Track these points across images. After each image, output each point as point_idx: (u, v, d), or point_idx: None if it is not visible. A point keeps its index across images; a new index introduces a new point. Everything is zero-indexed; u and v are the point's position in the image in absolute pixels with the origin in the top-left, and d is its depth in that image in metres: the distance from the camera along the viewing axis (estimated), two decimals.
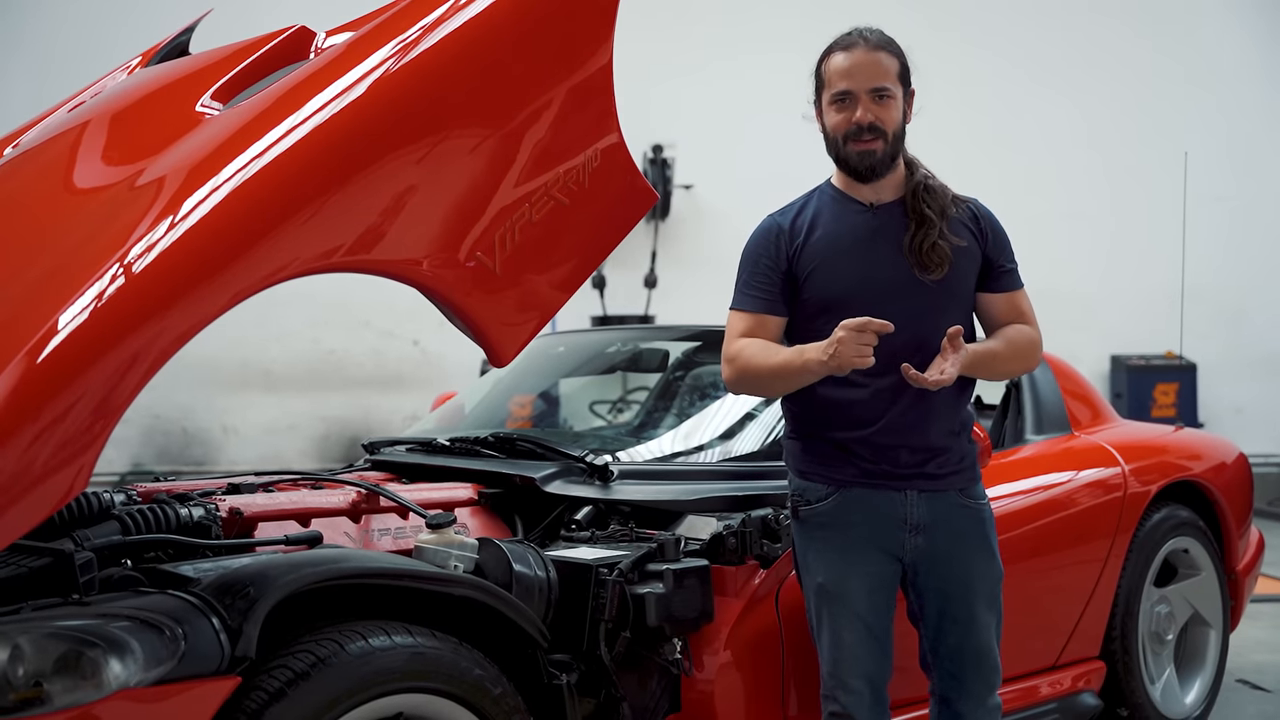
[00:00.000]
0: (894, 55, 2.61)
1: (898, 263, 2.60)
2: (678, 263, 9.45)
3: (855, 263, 2.62)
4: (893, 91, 2.58)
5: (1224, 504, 4.11)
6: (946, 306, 2.61)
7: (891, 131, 2.58)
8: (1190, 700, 3.99)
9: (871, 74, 2.57)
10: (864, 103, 2.57)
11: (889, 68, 2.58)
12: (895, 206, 2.65)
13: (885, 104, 2.57)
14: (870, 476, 2.61)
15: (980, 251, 2.67)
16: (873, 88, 2.57)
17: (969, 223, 2.67)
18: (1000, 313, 2.69)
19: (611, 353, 4.21)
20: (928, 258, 2.58)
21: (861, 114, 2.57)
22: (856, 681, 2.61)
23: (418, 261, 2.25)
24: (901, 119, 2.62)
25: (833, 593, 2.63)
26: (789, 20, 9.85)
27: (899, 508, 2.61)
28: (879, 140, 2.58)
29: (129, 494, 2.72)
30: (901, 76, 2.61)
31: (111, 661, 1.89)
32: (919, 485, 2.61)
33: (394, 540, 2.85)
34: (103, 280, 1.93)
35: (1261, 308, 10.23)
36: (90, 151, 2.55)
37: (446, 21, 2.29)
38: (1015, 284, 2.71)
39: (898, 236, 2.62)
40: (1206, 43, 10.27)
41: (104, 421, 1.89)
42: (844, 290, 2.60)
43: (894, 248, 2.61)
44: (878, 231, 2.63)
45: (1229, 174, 9.93)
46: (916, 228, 2.60)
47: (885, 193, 2.65)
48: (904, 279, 2.59)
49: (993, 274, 2.68)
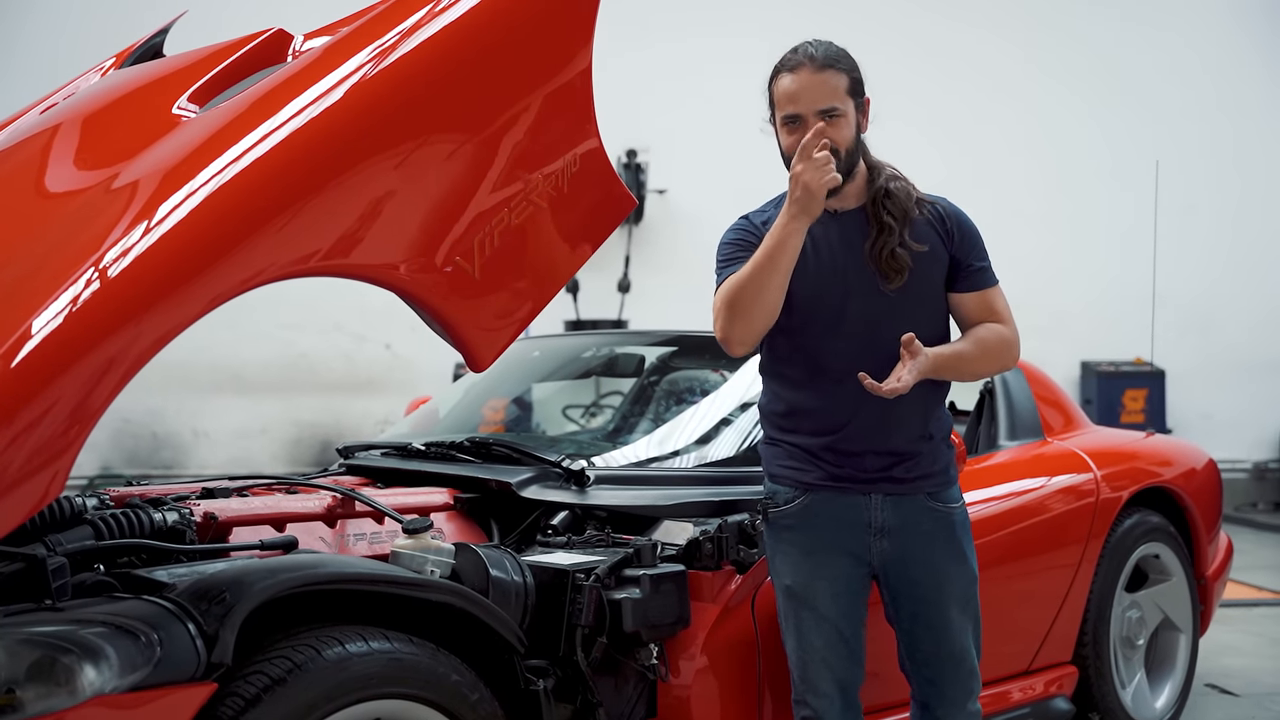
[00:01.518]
0: (842, 71, 2.56)
1: (859, 269, 2.61)
2: (651, 267, 9.46)
3: (817, 268, 2.62)
4: (841, 110, 2.54)
5: (1194, 510, 4.14)
6: (910, 312, 2.62)
7: (844, 149, 2.55)
8: (1160, 704, 4.02)
9: (817, 96, 2.53)
10: (813, 125, 2.51)
11: (836, 86, 2.54)
12: (857, 214, 2.65)
13: (835, 123, 2.53)
14: (836, 480, 2.64)
15: (947, 252, 2.66)
16: (820, 109, 2.53)
17: (935, 223, 2.66)
18: (971, 312, 2.69)
19: (587, 357, 4.21)
20: (886, 266, 2.59)
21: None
22: (825, 685, 2.64)
23: (395, 266, 2.25)
24: (855, 133, 2.59)
25: (799, 595, 2.65)
26: (763, 27, 9.89)
27: (863, 511, 2.63)
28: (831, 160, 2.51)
29: (101, 498, 2.70)
30: (852, 90, 2.57)
31: (86, 668, 1.87)
32: (884, 489, 2.63)
33: (370, 545, 2.84)
34: (77, 285, 1.91)
35: (1230, 314, 10.32)
36: (64, 154, 2.53)
37: (425, 26, 2.28)
38: (987, 282, 2.69)
39: (859, 243, 2.63)
40: (1178, 50, 10.35)
41: (80, 426, 1.87)
42: (808, 293, 2.61)
43: (856, 254, 2.62)
44: (840, 240, 2.64)
45: (1200, 182, 10.02)
46: (876, 235, 2.61)
47: (847, 200, 2.65)
48: (865, 285, 2.61)
49: (961, 274, 2.68)
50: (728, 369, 3.66)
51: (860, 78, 2.61)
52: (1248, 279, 10.38)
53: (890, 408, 2.57)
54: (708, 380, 3.76)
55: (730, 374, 3.60)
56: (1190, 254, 9.63)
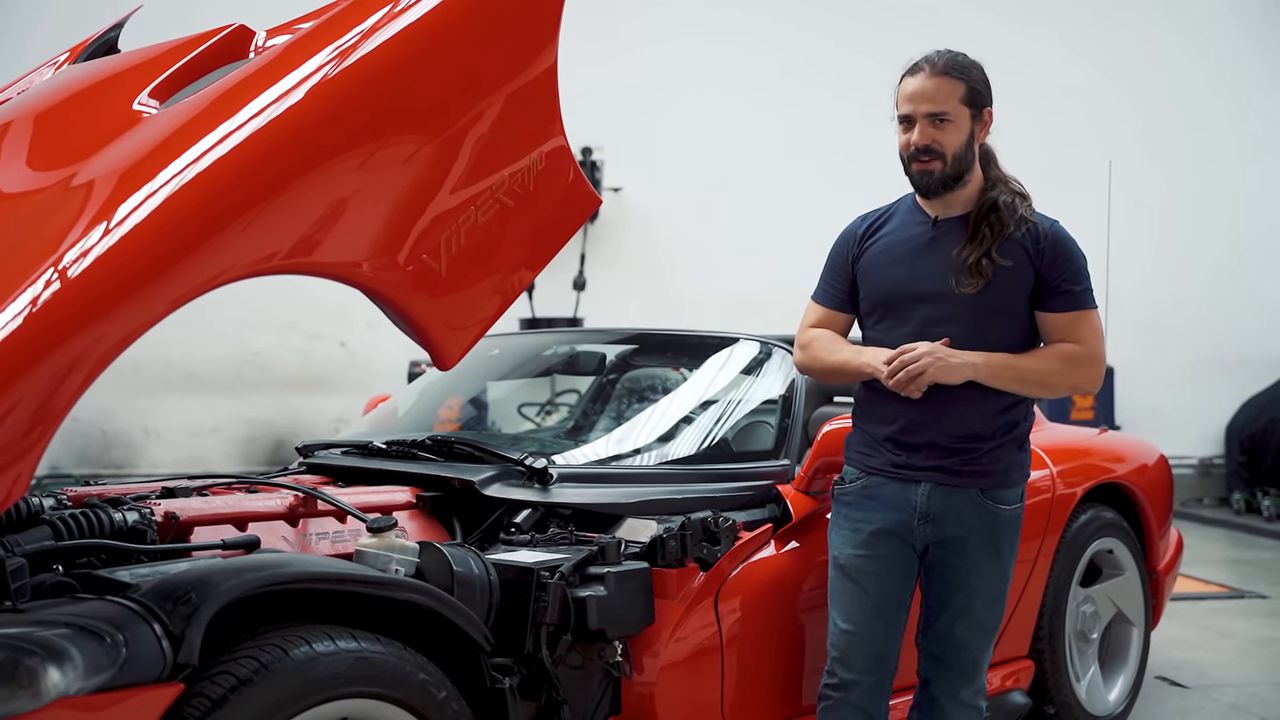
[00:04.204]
0: (958, 80, 2.73)
1: (941, 272, 2.74)
2: (606, 265, 9.46)
3: (900, 270, 2.80)
4: (951, 116, 2.71)
5: (1146, 505, 4.21)
6: (980, 318, 2.72)
7: (951, 154, 2.72)
8: (1114, 697, 4.08)
9: (929, 99, 2.71)
10: (921, 126, 2.72)
11: (950, 93, 2.72)
12: (959, 222, 2.78)
13: (943, 128, 2.72)
14: (895, 467, 2.79)
15: (1033, 270, 2.74)
16: (929, 112, 2.71)
17: (1027, 241, 2.74)
18: (1051, 331, 2.78)
19: (548, 355, 4.21)
20: (969, 272, 2.70)
21: (918, 137, 2.73)
22: (857, 658, 2.78)
23: (359, 264, 2.24)
24: (967, 140, 2.74)
25: (847, 569, 2.82)
26: (719, 28, 9.92)
27: (912, 497, 2.76)
28: (936, 161, 2.73)
29: (59, 498, 2.67)
30: (968, 99, 2.73)
31: (50, 670, 1.84)
32: (935, 479, 2.76)
33: (332, 544, 2.82)
34: (36, 285, 1.89)
35: (1178, 312, 10.47)
36: (17, 152, 2.49)
37: (389, 24, 2.26)
38: (1074, 305, 2.76)
39: (949, 249, 2.75)
40: (1128, 47, 10.48)
41: (43, 428, 1.85)
42: (884, 295, 2.82)
43: (943, 259, 2.75)
44: (933, 244, 2.78)
45: (1150, 180, 10.14)
46: (967, 242, 2.73)
47: (954, 208, 2.80)
48: (941, 287, 2.74)
49: (1048, 293, 2.75)
50: (688, 367, 3.68)
51: (981, 88, 2.76)
52: (1195, 276, 10.52)
53: (946, 406, 2.72)
54: (669, 378, 3.77)
55: (690, 372, 3.62)
56: (1138, 251, 9.75)
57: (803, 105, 9.92)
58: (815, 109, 9.90)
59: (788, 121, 9.91)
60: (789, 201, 9.77)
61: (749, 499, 3.16)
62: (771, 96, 9.92)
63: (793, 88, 9.93)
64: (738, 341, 3.66)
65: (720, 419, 3.39)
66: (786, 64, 9.93)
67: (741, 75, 9.93)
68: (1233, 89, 10.65)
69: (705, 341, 3.75)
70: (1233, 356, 10.42)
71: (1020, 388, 2.74)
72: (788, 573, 3.06)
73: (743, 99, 9.88)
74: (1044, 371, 2.73)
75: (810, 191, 9.61)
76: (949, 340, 2.69)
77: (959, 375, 2.67)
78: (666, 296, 9.60)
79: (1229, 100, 10.65)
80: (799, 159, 9.87)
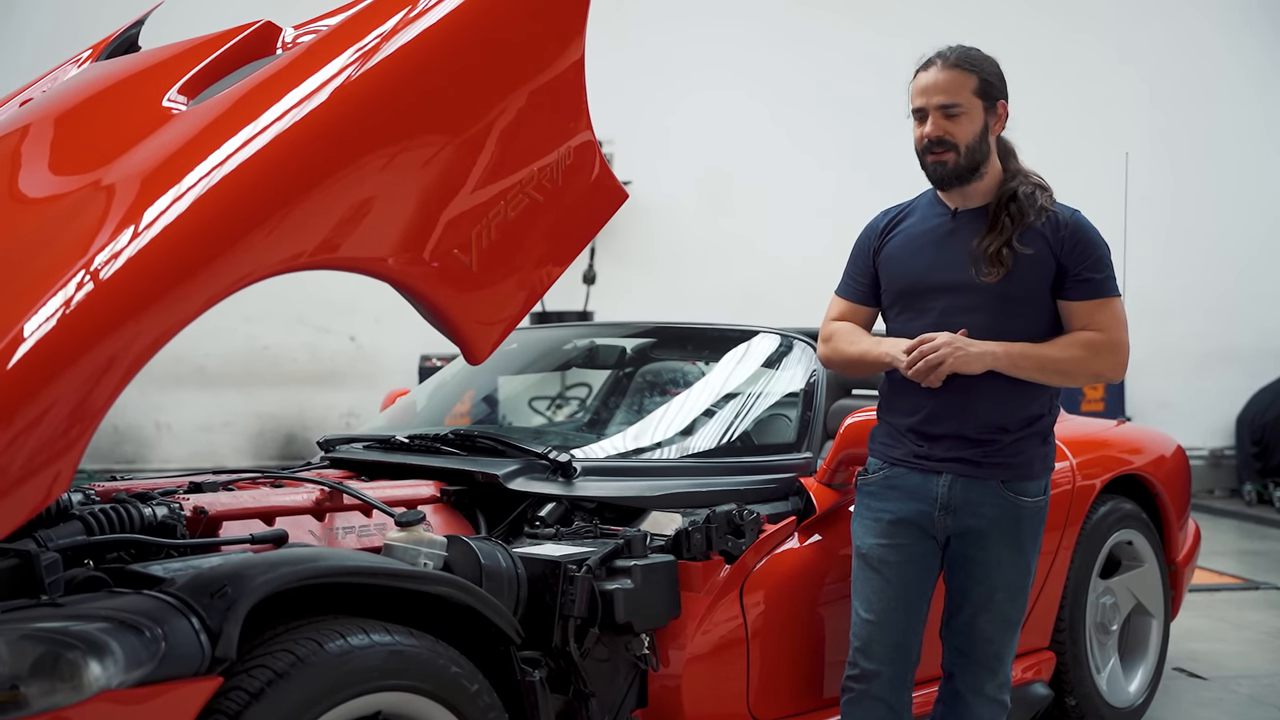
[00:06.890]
0: (971, 72, 2.75)
1: (961, 263, 2.75)
2: (616, 259, 9.46)
3: (920, 262, 2.81)
4: (964, 108, 2.74)
5: (1165, 496, 4.21)
6: (1001, 308, 2.73)
7: (964, 145, 2.74)
8: (1134, 689, 4.08)
9: (941, 91, 2.74)
10: (934, 118, 2.75)
11: (962, 85, 2.74)
12: (978, 213, 2.80)
13: (956, 120, 2.74)
14: (917, 458, 2.81)
15: (1054, 259, 2.74)
16: (941, 104, 2.74)
17: (1048, 230, 2.75)
18: (1072, 319, 2.78)
19: (568, 349, 4.21)
20: (989, 261, 2.71)
21: (930, 129, 2.75)
22: (878, 648, 2.79)
23: (384, 259, 2.24)
24: (980, 132, 2.75)
25: (869, 559, 2.84)
26: (730, 20, 9.91)
27: (933, 487, 2.77)
28: (950, 153, 2.75)
29: (87, 494, 2.67)
30: (981, 91, 2.75)
31: (91, 663, 1.85)
32: (956, 470, 2.77)
33: (359, 538, 2.82)
34: (69, 287, 1.90)
35: (1188, 304, 10.43)
36: (44, 150, 2.49)
37: (416, 21, 2.27)
38: (1095, 293, 2.76)
39: (969, 240, 2.76)
40: (1139, 41, 10.45)
41: (81, 426, 1.86)
42: (905, 286, 2.84)
43: (963, 249, 2.76)
44: (952, 235, 2.80)
45: (1161, 173, 10.11)
46: (987, 232, 2.74)
47: (973, 199, 2.81)
48: (961, 277, 2.75)
49: (1069, 281, 2.76)
50: (708, 360, 3.68)
51: (994, 81, 2.78)
52: (1206, 268, 10.50)
53: (967, 398, 2.73)
54: (689, 372, 3.77)
55: (711, 366, 3.62)
56: (1148, 243, 9.72)
57: (812, 99, 9.90)
58: (825, 103, 9.88)
59: (797, 115, 9.90)
60: (798, 195, 9.77)
61: (772, 492, 3.16)
62: (781, 90, 9.91)
63: (802, 82, 9.92)
64: (758, 334, 3.66)
65: (742, 412, 3.39)
66: (796, 58, 9.91)
67: (751, 69, 9.91)
68: (1243, 80, 10.62)
69: (726, 335, 3.75)
70: (1243, 348, 10.41)
71: (1041, 376, 2.74)
72: (812, 565, 3.07)
73: (752, 93, 9.87)
74: (1065, 359, 2.73)
75: (819, 186, 9.62)
76: (967, 331, 2.70)
77: (978, 364, 2.67)
78: (676, 290, 9.61)
79: (1239, 91, 10.62)
80: (808, 153, 9.85)
